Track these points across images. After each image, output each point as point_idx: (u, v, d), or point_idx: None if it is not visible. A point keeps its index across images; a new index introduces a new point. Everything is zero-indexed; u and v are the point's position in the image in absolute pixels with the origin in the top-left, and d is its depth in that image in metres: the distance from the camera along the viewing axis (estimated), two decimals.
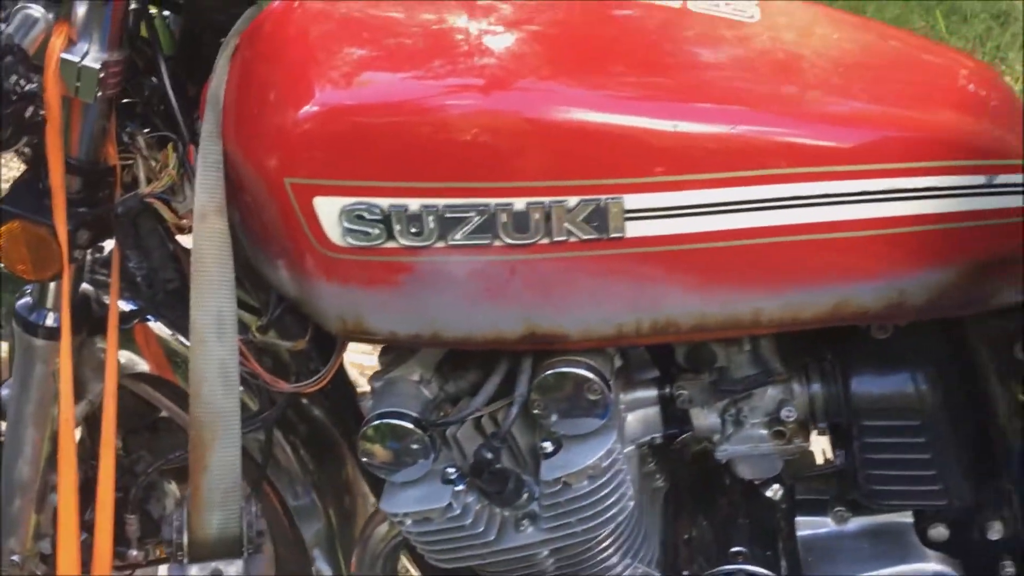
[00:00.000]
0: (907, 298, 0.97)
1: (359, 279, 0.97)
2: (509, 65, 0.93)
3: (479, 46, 0.93)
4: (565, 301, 0.96)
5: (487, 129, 0.90)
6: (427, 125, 0.91)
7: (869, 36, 1.05)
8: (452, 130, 0.91)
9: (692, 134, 0.91)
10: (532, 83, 0.92)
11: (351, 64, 0.95)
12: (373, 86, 0.94)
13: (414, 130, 0.91)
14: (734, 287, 0.96)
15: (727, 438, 1.09)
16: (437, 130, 0.91)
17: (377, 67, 0.95)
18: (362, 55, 0.96)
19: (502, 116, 0.90)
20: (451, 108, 0.91)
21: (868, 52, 1.02)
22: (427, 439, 1.04)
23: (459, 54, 0.93)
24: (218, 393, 1.02)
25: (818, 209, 0.93)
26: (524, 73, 0.92)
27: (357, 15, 1.00)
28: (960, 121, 0.95)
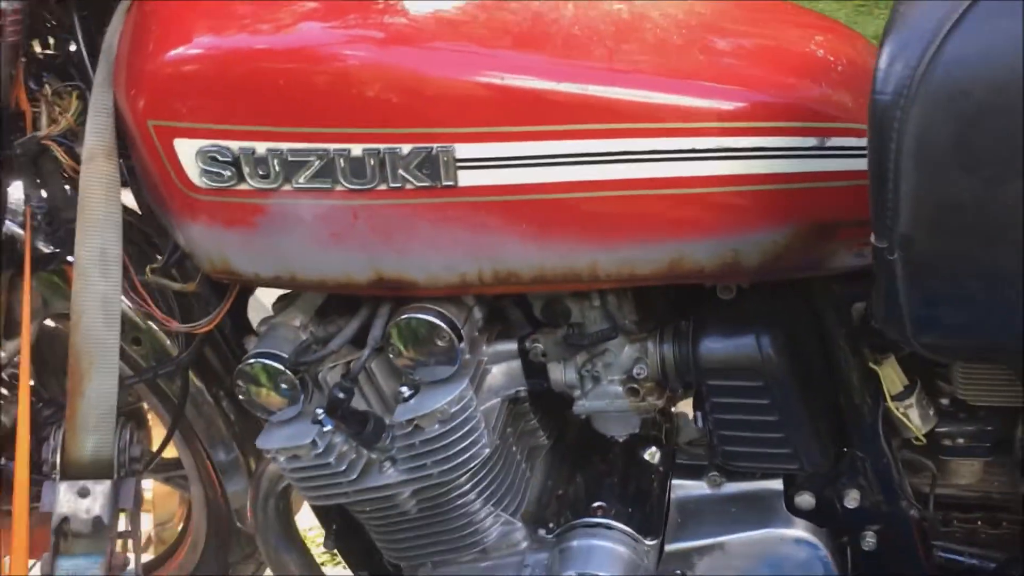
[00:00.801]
0: (741, 258, 0.99)
1: (219, 220, 1.03)
2: (350, 18, 0.97)
3: (331, 2, 0.99)
4: (407, 247, 1.01)
5: (327, 76, 0.96)
6: (272, 72, 0.97)
7: (730, 3, 1.07)
8: (294, 77, 0.96)
9: (520, 87, 0.94)
10: (369, 34, 0.97)
11: (224, 16, 1.01)
12: (231, 35, 1.00)
13: (261, 76, 0.97)
14: (570, 239, 0.99)
15: (585, 394, 1.12)
16: (281, 77, 0.96)
17: (244, 18, 1.01)
18: (237, 7, 1.02)
19: (339, 64, 0.96)
20: (293, 56, 0.97)
21: (721, 17, 1.04)
22: (296, 380, 1.09)
23: (310, 8, 0.99)
24: (98, 325, 1.09)
25: (648, 165, 0.95)
26: (363, 25, 0.97)
27: None
28: (797, 83, 0.97)
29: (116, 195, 1.09)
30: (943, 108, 0.74)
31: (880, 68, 0.77)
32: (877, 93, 0.76)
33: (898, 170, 0.76)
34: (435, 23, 0.98)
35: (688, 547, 1.16)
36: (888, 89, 0.75)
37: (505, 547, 1.17)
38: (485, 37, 0.97)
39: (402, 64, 0.95)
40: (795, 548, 1.14)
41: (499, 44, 0.97)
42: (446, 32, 0.97)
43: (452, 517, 1.14)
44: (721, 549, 1.16)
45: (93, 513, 1.07)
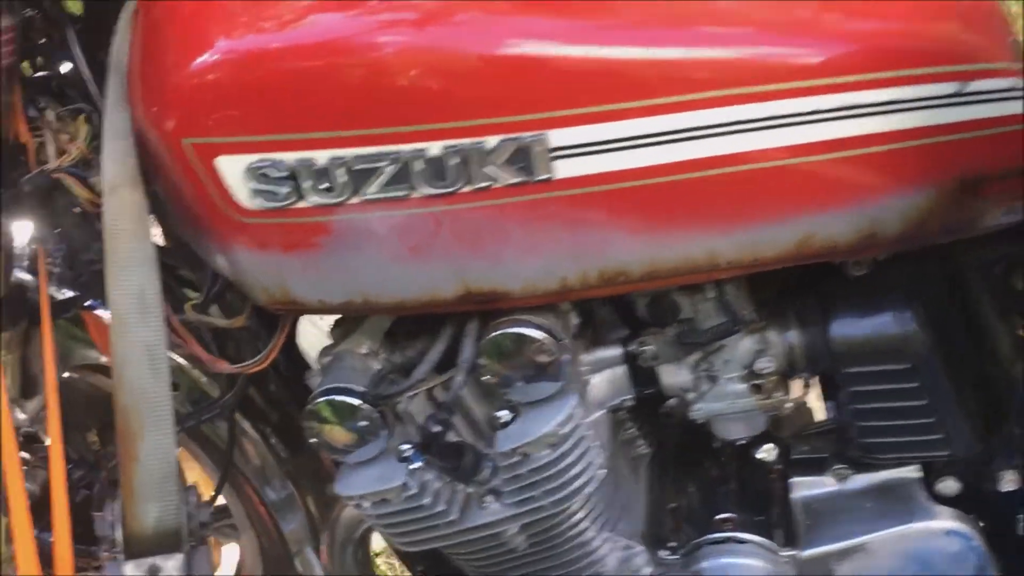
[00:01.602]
0: (879, 228, 0.86)
1: (276, 244, 0.89)
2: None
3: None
4: (499, 254, 0.88)
5: (389, 69, 0.82)
6: (324, 70, 0.83)
7: None
8: (352, 73, 0.82)
9: (617, 59, 0.81)
10: (439, 16, 0.83)
11: (247, 14, 0.87)
12: (268, 34, 0.86)
13: (314, 75, 0.83)
14: (683, 227, 0.86)
15: (701, 396, 1.00)
16: (336, 75, 0.83)
17: (273, 15, 0.86)
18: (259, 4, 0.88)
19: (407, 53, 0.82)
20: (348, 51, 0.83)
21: None
22: (376, 415, 0.96)
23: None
24: (145, 377, 0.95)
25: (768, 133, 0.83)
26: (430, 6, 0.83)
27: None
28: (924, 25, 0.84)
29: (146, 228, 0.95)
30: None
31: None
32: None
33: None
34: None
35: (825, 552, 1.05)
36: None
37: (626, 574, 1.05)
38: (569, 9, 0.84)
39: (480, 44, 0.82)
40: (945, 540, 1.03)
41: (585, 11, 0.83)
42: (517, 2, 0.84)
43: (566, 549, 1.02)
44: (863, 550, 1.04)
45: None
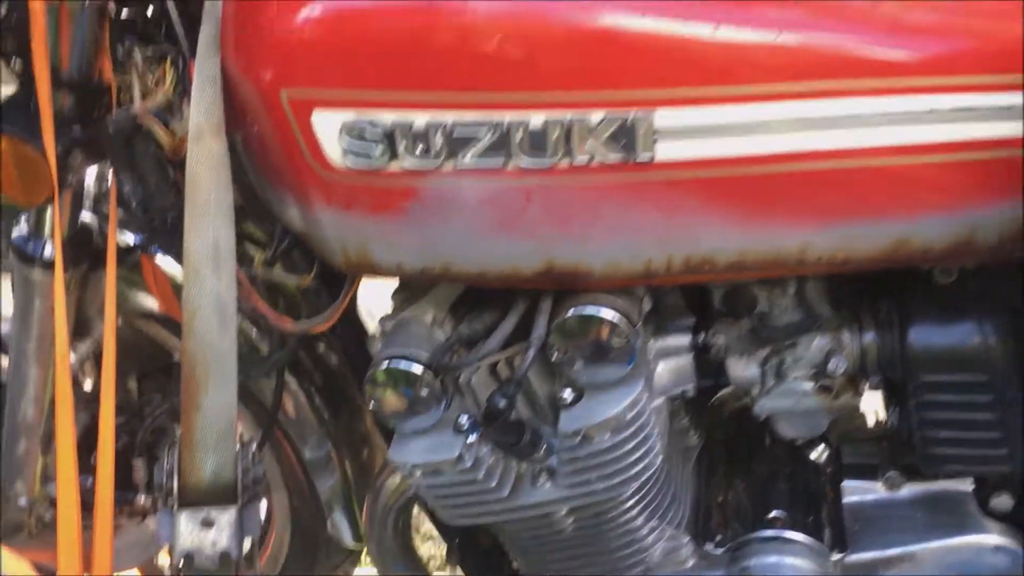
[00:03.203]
0: (978, 235, 0.86)
1: (363, 205, 0.88)
2: None
3: None
4: (588, 233, 0.87)
5: (501, 34, 0.81)
6: (435, 29, 0.82)
7: None
8: (462, 34, 0.81)
9: (733, 41, 0.80)
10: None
11: None
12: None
13: (421, 34, 0.82)
14: (780, 219, 0.86)
15: (767, 392, 0.99)
16: (446, 34, 0.81)
17: None
18: None
19: (516, 18, 0.81)
20: (461, 10, 0.81)
21: None
22: (438, 385, 0.95)
23: None
24: (213, 328, 0.94)
25: (879, 130, 0.82)
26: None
27: None
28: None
29: (227, 178, 0.93)
30: None
31: None
32: None
33: None
34: None
35: (872, 558, 1.04)
36: None
37: (670, 565, 1.04)
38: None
39: (589, 13, 0.81)
40: (995, 556, 1.02)
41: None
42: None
43: (613, 535, 1.01)
44: (911, 560, 1.04)
45: (220, 547, 0.93)
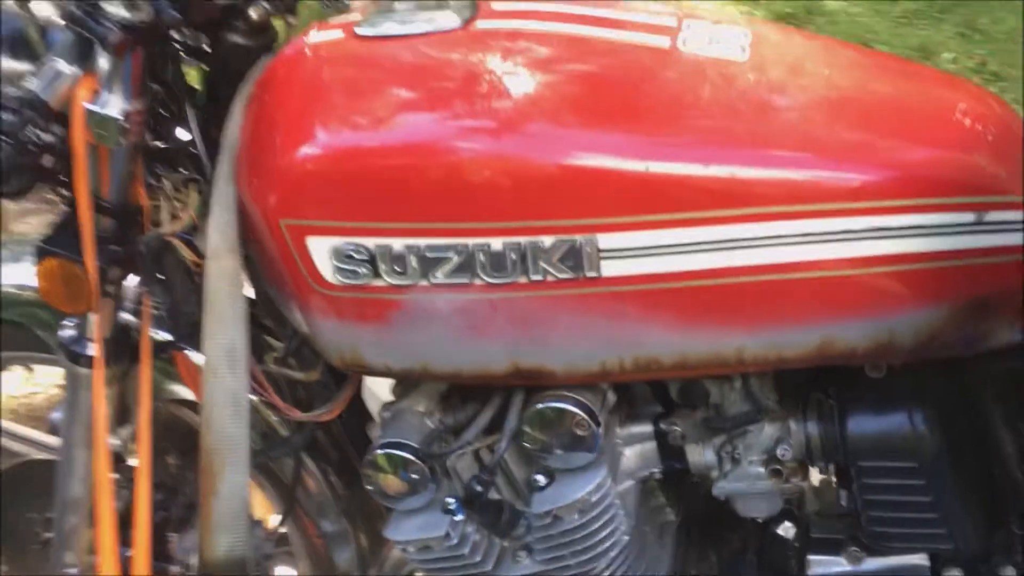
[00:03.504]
0: (896, 338, 0.95)
1: (352, 315, 1.01)
2: (484, 109, 0.96)
3: (459, 92, 0.97)
4: (547, 338, 0.98)
5: (463, 171, 0.94)
6: (407, 169, 0.95)
7: (864, 70, 1.04)
8: (431, 173, 0.94)
9: (664, 174, 0.92)
10: (507, 126, 0.95)
11: (347, 109, 1.00)
12: (361, 131, 0.98)
13: (396, 173, 0.95)
14: (715, 326, 0.96)
15: (724, 475, 1.09)
16: (417, 173, 0.95)
17: (368, 112, 0.99)
18: (359, 100, 1.01)
19: (477, 159, 0.94)
20: (429, 153, 0.95)
21: (859, 87, 1.01)
22: (427, 470, 1.07)
23: (440, 101, 0.97)
24: (228, 422, 1.08)
25: (798, 248, 0.92)
26: (499, 116, 0.95)
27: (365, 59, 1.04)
28: (949, 157, 0.94)
29: (241, 290, 1.08)
30: None
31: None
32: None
33: None
34: (570, 109, 0.96)
35: None
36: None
37: None
38: (624, 121, 0.95)
39: (540, 155, 0.94)
40: None
41: (640, 129, 0.95)
42: (583, 118, 0.95)
43: None
44: None
45: None
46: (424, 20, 1.05)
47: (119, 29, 0.98)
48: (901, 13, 3.76)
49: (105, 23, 0.99)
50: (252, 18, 1.09)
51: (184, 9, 1.03)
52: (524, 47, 1.00)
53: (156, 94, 1.14)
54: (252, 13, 1.08)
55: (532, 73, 0.98)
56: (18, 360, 1.53)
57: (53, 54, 1.03)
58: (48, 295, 1.16)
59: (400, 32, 1.04)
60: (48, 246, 1.13)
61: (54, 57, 1.03)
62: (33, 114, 0.96)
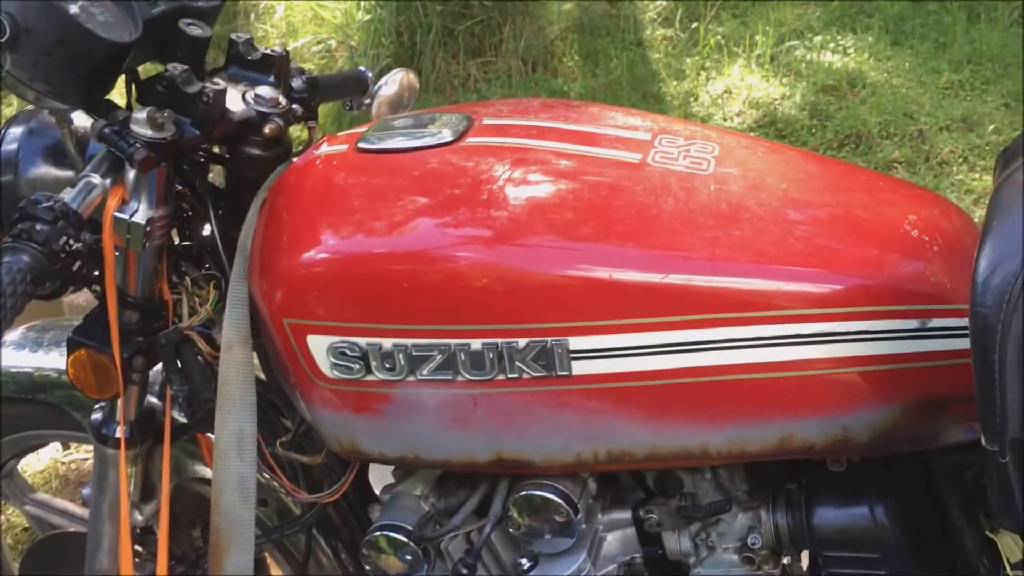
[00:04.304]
0: (851, 435, 1.01)
1: (347, 406, 1.10)
2: (468, 220, 1.05)
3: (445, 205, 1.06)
4: (525, 430, 1.06)
5: (447, 278, 1.03)
6: (396, 275, 1.04)
7: (822, 183, 1.11)
8: (417, 279, 1.04)
9: (627, 282, 1.00)
10: (487, 237, 1.04)
11: (346, 219, 1.10)
12: (357, 239, 1.08)
13: (386, 279, 1.04)
14: (680, 422, 1.03)
15: (700, 561, 1.15)
16: (405, 279, 1.04)
17: (364, 222, 1.09)
18: (356, 211, 1.10)
19: (459, 267, 1.03)
20: (416, 261, 1.04)
21: (815, 200, 1.08)
22: (420, 551, 1.14)
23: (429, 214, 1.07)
24: (236, 504, 1.16)
25: (754, 351, 0.99)
26: (481, 228, 1.04)
27: (364, 172, 1.15)
28: (894, 266, 1.00)
29: (251, 380, 1.17)
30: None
31: (979, 277, 0.80)
32: (977, 305, 0.79)
33: (1003, 379, 0.79)
34: (540, 220, 1.04)
35: None
36: (987, 302, 0.78)
37: None
38: (591, 233, 1.03)
39: (512, 263, 1.02)
40: None
41: (606, 239, 1.03)
42: (552, 228, 1.03)
43: None
44: None
45: None
46: (420, 135, 1.15)
47: (144, 147, 1.09)
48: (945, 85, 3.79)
49: (132, 141, 1.10)
50: (266, 133, 1.19)
51: (203, 127, 1.14)
52: (508, 162, 1.09)
53: (182, 195, 1.25)
54: (266, 129, 1.19)
55: (513, 186, 1.07)
56: (56, 438, 1.65)
57: (89, 168, 1.14)
58: (78, 382, 1.26)
59: (396, 147, 1.14)
60: (79, 337, 1.23)
61: (90, 172, 1.14)
62: (65, 224, 1.07)
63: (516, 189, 1.07)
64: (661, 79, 4.01)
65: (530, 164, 1.10)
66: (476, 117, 1.18)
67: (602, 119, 1.19)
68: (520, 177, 1.08)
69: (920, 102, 3.68)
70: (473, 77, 4.10)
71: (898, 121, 3.57)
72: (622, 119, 1.19)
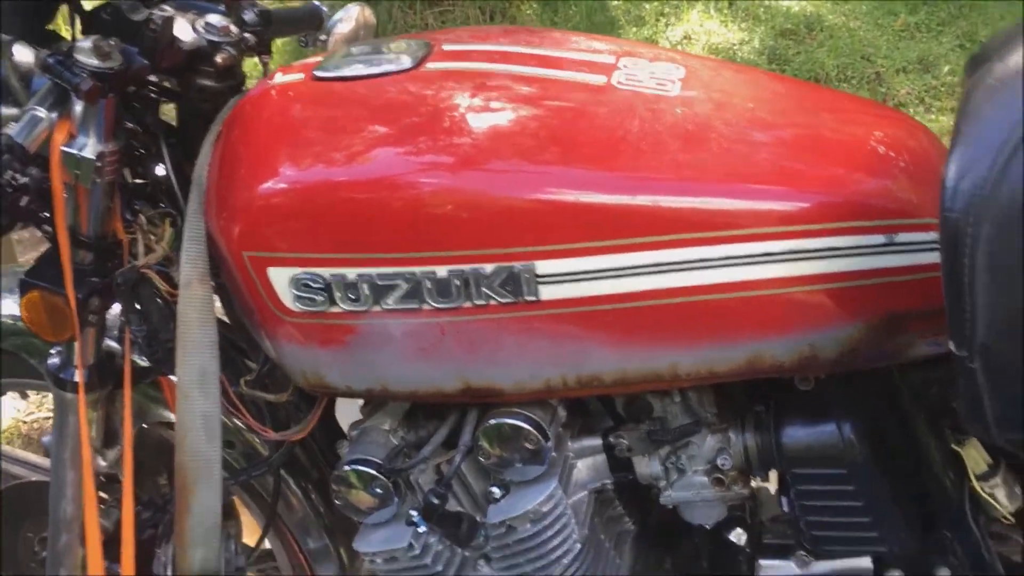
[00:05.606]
0: (819, 352, 1.01)
1: (313, 340, 1.08)
2: (430, 146, 1.03)
3: (406, 130, 1.04)
4: (493, 358, 1.05)
5: (410, 204, 1.01)
6: (358, 203, 1.02)
7: (788, 103, 1.11)
8: (379, 207, 1.01)
9: (594, 204, 0.99)
10: (450, 161, 1.02)
11: (303, 147, 1.07)
12: (317, 167, 1.05)
13: (347, 207, 1.02)
14: (649, 344, 1.03)
15: (671, 485, 1.15)
16: (366, 207, 1.02)
17: (322, 150, 1.06)
18: (314, 139, 1.08)
19: (422, 193, 1.01)
20: (378, 188, 1.02)
21: (781, 120, 1.07)
22: (390, 484, 1.14)
23: (389, 139, 1.05)
24: (201, 442, 1.14)
25: (723, 271, 0.99)
26: (444, 152, 1.02)
27: (321, 100, 1.12)
28: (862, 181, 1.00)
29: (211, 317, 1.15)
30: (1015, 222, 0.76)
31: (948, 183, 0.80)
32: (947, 208, 0.79)
33: (972, 284, 0.79)
34: (505, 143, 1.02)
35: None
36: (957, 206, 0.78)
37: None
38: (555, 155, 1.01)
39: (477, 188, 1.00)
40: None
41: (571, 162, 1.01)
42: (517, 152, 1.02)
43: None
44: None
45: None
46: (378, 62, 1.12)
47: (90, 77, 1.05)
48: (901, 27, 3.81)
49: (78, 72, 1.06)
50: (218, 62, 1.16)
51: (152, 56, 1.10)
52: (470, 86, 1.07)
53: (133, 133, 1.22)
54: (218, 58, 1.15)
55: (475, 112, 1.05)
56: (14, 387, 1.61)
57: (33, 102, 1.10)
58: (33, 325, 1.23)
59: (355, 74, 1.11)
60: (31, 279, 1.20)
61: (35, 105, 1.10)
62: (11, 158, 1.03)
63: (478, 113, 1.05)
64: (620, 26, 3.99)
65: (492, 88, 1.07)
66: (435, 43, 1.15)
67: (565, 43, 1.17)
68: (482, 101, 1.06)
69: (877, 44, 3.69)
70: (431, 26, 4.04)
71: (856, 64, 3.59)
72: (585, 43, 1.17)
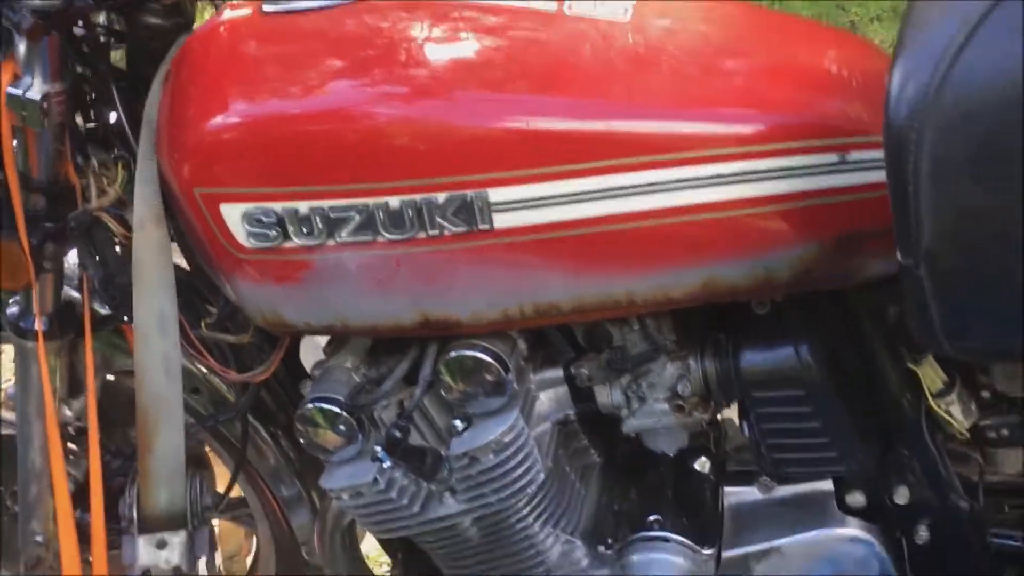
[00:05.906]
0: (773, 275, 1.01)
1: (268, 276, 1.08)
2: (376, 76, 1.02)
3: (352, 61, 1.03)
4: (450, 289, 1.05)
5: (359, 134, 1.00)
6: (306, 135, 1.01)
7: (739, 27, 1.10)
8: (328, 138, 1.00)
9: (545, 130, 0.98)
10: (396, 90, 1.01)
11: (251, 82, 1.06)
12: (265, 101, 1.04)
13: (296, 140, 1.01)
14: (605, 270, 1.02)
15: (632, 413, 1.15)
16: (315, 139, 1.01)
17: (276, 83, 1.05)
18: (262, 73, 1.06)
19: (369, 121, 1.00)
20: (325, 119, 1.01)
21: (731, 43, 1.06)
22: (354, 421, 1.14)
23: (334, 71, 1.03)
24: (161, 383, 1.14)
25: (675, 194, 0.98)
26: (390, 82, 1.01)
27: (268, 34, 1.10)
28: (813, 101, 0.99)
29: (168, 258, 1.14)
30: (957, 127, 0.76)
31: (892, 91, 0.79)
32: (891, 116, 0.79)
33: (917, 189, 0.79)
34: (457, 72, 1.01)
35: (745, 553, 1.19)
36: (902, 111, 0.78)
37: (567, 565, 1.20)
38: (506, 82, 1.01)
39: (429, 117, 0.99)
40: (851, 546, 1.17)
41: (521, 88, 1.00)
42: (469, 80, 1.01)
43: (513, 541, 1.18)
44: (778, 552, 1.18)
45: (172, 563, 1.13)
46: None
47: (32, 15, 1.03)
48: None
49: (19, 9, 1.04)
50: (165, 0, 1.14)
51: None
52: (416, 16, 1.06)
53: (82, 75, 1.20)
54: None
55: (421, 40, 1.04)
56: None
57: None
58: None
59: (303, 7, 1.10)
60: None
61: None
62: None
63: (428, 43, 1.04)
64: None
65: (441, 17, 1.06)
66: None
67: None
68: (431, 30, 1.05)
69: None
70: None
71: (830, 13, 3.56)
72: None
